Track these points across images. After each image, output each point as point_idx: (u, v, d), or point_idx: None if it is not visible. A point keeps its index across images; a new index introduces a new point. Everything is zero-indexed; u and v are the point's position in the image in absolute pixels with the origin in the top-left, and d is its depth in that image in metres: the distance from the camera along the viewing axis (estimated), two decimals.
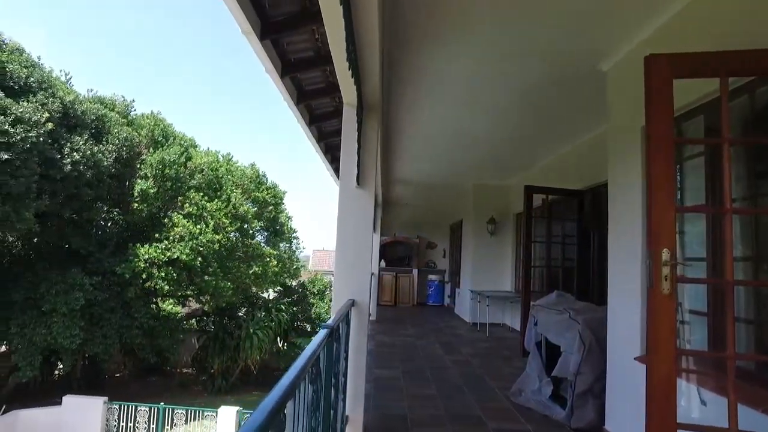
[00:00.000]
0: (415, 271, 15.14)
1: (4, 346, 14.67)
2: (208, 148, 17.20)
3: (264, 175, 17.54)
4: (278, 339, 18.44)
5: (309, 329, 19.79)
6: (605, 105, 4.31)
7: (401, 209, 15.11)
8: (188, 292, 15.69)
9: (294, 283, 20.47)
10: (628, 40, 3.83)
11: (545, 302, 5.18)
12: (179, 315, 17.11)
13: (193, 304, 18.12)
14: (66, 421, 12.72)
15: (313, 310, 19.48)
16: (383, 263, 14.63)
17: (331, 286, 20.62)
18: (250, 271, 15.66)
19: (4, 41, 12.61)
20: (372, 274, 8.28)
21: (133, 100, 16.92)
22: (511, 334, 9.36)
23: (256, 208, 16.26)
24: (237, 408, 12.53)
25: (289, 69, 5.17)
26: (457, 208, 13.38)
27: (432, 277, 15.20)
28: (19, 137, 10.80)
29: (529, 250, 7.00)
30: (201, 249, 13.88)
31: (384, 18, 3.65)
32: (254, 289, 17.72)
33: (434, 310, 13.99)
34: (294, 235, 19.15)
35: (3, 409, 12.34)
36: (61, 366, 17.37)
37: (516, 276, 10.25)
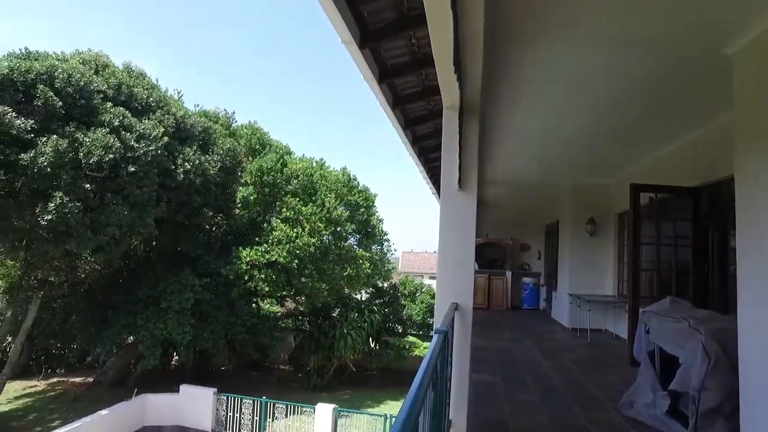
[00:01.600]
0: (508, 274, 14.75)
1: (131, 338, 16.36)
2: (303, 155, 18.03)
3: (355, 179, 18.03)
4: (370, 339, 18.82)
5: (400, 330, 20.01)
6: (728, 93, 3.92)
7: (493, 210, 14.80)
8: (286, 293, 16.53)
9: (385, 285, 20.80)
10: (762, 19, 3.46)
11: (658, 309, 4.82)
12: (277, 314, 18.07)
13: (290, 304, 19.03)
14: (183, 408, 13.96)
15: (404, 312, 19.66)
16: (476, 265, 14.40)
17: (422, 288, 20.77)
18: (344, 273, 16.16)
19: (131, 68, 14.12)
20: None
21: (234, 112, 18.22)
22: (615, 341, 8.81)
23: (348, 212, 16.74)
24: (333, 406, 12.94)
25: (386, 75, 5.27)
26: (552, 209, 12.86)
27: (526, 279, 14.71)
28: (142, 151, 12.05)
29: (636, 253, 6.55)
30: (298, 252, 14.58)
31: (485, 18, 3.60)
32: (347, 291, 18.23)
33: (529, 313, 13.54)
34: (385, 237, 19.48)
35: (135, 392, 13.77)
36: (177, 358, 19.05)
37: (619, 279, 9.64)
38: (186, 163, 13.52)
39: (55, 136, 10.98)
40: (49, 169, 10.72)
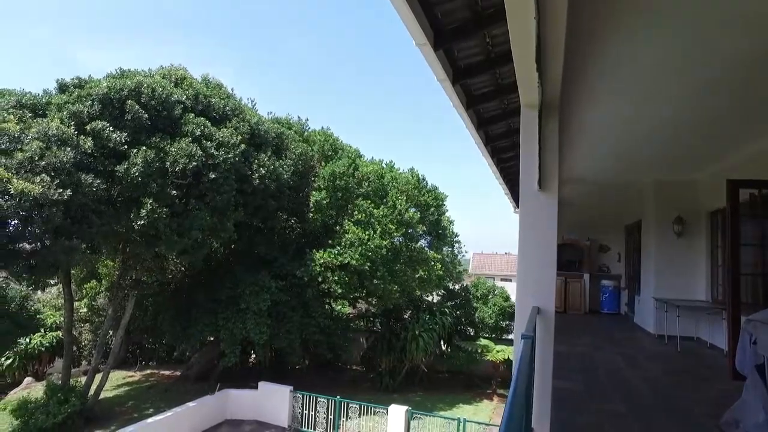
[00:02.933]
0: (586, 276, 14.11)
1: (213, 336, 17.31)
2: (372, 158, 18.24)
3: (424, 179, 17.98)
4: (442, 342, 18.69)
5: (472, 333, 19.71)
6: None
7: (568, 210, 14.21)
8: (358, 295, 16.79)
9: (457, 287, 20.59)
10: None
11: (766, 318, 4.39)
12: (350, 315, 18.39)
13: (362, 306, 19.30)
14: (261, 403, 14.57)
15: (476, 315, 19.34)
16: None
17: (494, 291, 20.35)
18: (416, 275, 16.16)
19: (208, 80, 14.95)
20: None
21: (307, 119, 18.80)
22: (710, 351, 8.15)
23: (419, 213, 16.73)
24: (406, 407, 12.97)
25: (460, 75, 5.21)
26: (633, 207, 12.13)
27: (606, 282, 13.99)
28: (221, 159, 12.72)
29: (735, 255, 6.02)
30: (370, 254, 14.78)
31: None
32: (418, 292, 18.21)
33: (610, 318, 12.87)
34: (456, 238, 19.29)
35: (218, 386, 14.56)
36: (254, 356, 19.91)
37: (713, 284, 8.91)
38: (261, 169, 14.09)
39: (144, 147, 11.86)
40: (140, 178, 11.59)
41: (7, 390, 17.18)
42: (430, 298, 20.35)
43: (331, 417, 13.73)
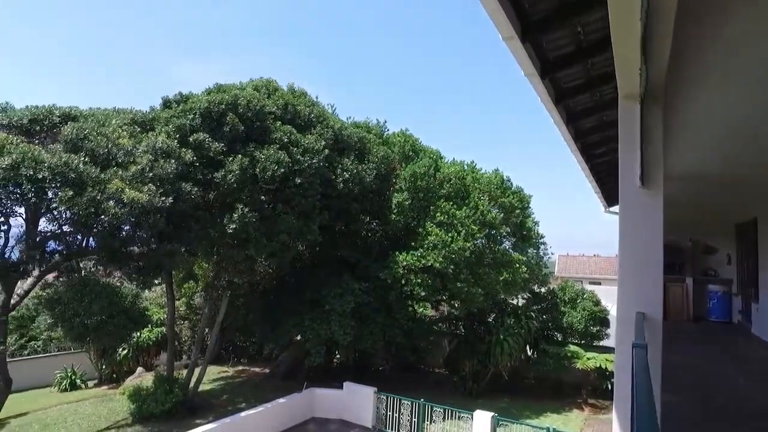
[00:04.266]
0: (689, 280, 13.00)
1: (299, 336, 17.94)
2: (453, 158, 18.03)
3: (508, 180, 17.49)
4: (528, 346, 18.03)
5: (560, 338, 18.83)
6: None
7: (666, 208, 13.16)
8: (441, 297, 16.64)
9: (543, 290, 19.81)
10: None
11: None
12: (432, 318, 18.28)
13: (444, 308, 19.11)
14: (346, 403, 14.85)
15: (564, 319, 18.45)
16: None
17: (583, 294, 19.29)
18: (500, 278, 15.74)
19: (294, 89, 15.59)
20: None
21: (386, 121, 18.99)
22: None
23: (502, 214, 16.29)
24: (492, 414, 12.62)
25: (548, 69, 4.98)
26: (746, 204, 10.95)
27: (714, 287, 12.77)
28: (307, 164, 13.19)
29: None
30: (453, 256, 14.60)
31: None
32: (502, 295, 17.72)
33: (719, 327, 11.73)
34: (541, 240, 18.57)
35: (305, 385, 15.06)
36: (338, 356, 20.38)
37: None
38: (345, 173, 14.43)
39: (239, 155, 12.59)
40: (235, 185, 12.33)
41: (124, 377, 19.05)
42: (514, 302, 19.71)
43: (415, 420, 13.67)
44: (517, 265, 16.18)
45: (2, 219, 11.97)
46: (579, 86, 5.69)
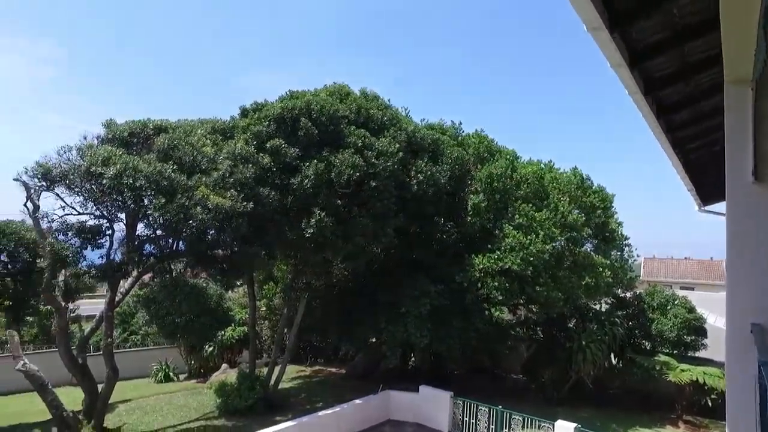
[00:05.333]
0: None
1: (374, 338, 18.11)
2: (530, 158, 17.46)
3: (588, 178, 16.65)
4: (612, 355, 17.03)
5: (648, 347, 17.61)
6: None
7: None
8: (519, 301, 16.13)
9: (628, 295, 18.65)
10: None
11: None
12: (510, 322, 17.76)
13: (521, 312, 18.50)
14: (421, 407, 14.79)
15: (653, 327, 17.24)
16: None
17: (674, 301, 17.92)
18: (582, 282, 15.01)
19: (366, 93, 15.81)
20: None
21: (460, 123, 18.77)
22: None
23: (584, 216, 15.51)
24: (575, 425, 12.02)
25: (638, 58, 4.66)
26: None
27: None
28: (381, 167, 13.31)
29: None
30: (531, 259, 14.10)
31: None
32: (584, 300, 16.88)
33: None
34: (626, 242, 17.52)
35: (381, 387, 15.17)
36: (413, 359, 20.35)
37: None
38: (419, 175, 14.40)
39: (315, 160, 12.94)
40: (311, 189, 12.67)
41: (210, 373, 20.26)
42: (597, 307, 18.69)
43: (492, 426, 13.32)
44: (600, 269, 15.33)
45: (108, 224, 13.14)
46: (672, 74, 5.27)
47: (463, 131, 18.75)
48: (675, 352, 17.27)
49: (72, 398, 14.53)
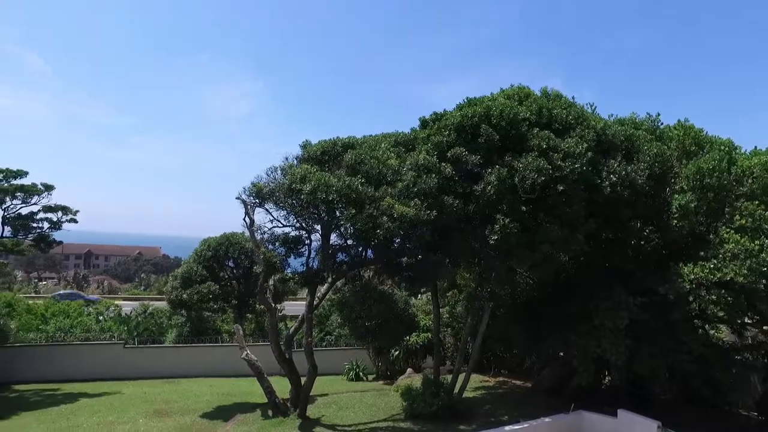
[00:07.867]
0: None
1: (562, 351, 16.89)
2: (755, 147, 14.51)
3: None
4: None
5: None
6: None
7: None
8: (746, 319, 13.46)
9: None
10: None
11: None
12: (735, 345, 14.94)
13: (751, 333, 15.45)
14: None
15: None
16: None
17: None
18: None
19: (548, 92, 14.98)
20: None
21: (658, 114, 16.60)
22: None
23: None
24: None
25: None
26: None
27: None
28: (568, 170, 12.43)
29: None
30: (763, 269, 11.64)
31: None
32: None
33: None
34: None
35: (572, 406, 14.03)
36: (608, 378, 18.46)
37: None
38: (612, 176, 13.07)
39: (497, 166, 12.70)
40: (494, 196, 12.45)
41: (396, 376, 21.28)
42: None
43: None
44: None
45: (306, 235, 14.73)
46: None
47: (661, 123, 16.52)
48: None
49: (280, 387, 16.55)
